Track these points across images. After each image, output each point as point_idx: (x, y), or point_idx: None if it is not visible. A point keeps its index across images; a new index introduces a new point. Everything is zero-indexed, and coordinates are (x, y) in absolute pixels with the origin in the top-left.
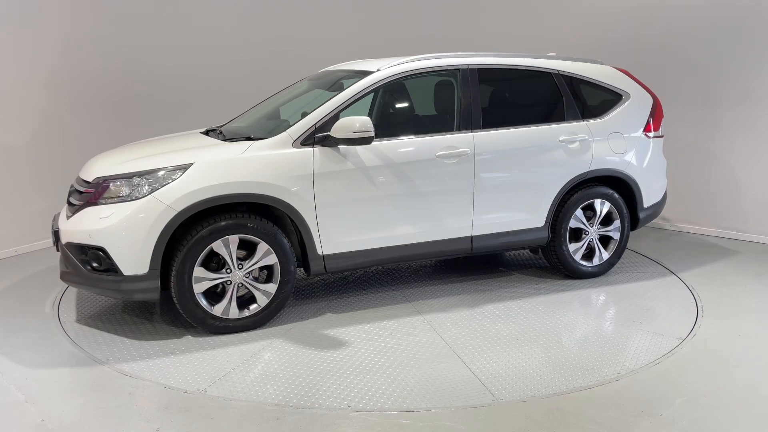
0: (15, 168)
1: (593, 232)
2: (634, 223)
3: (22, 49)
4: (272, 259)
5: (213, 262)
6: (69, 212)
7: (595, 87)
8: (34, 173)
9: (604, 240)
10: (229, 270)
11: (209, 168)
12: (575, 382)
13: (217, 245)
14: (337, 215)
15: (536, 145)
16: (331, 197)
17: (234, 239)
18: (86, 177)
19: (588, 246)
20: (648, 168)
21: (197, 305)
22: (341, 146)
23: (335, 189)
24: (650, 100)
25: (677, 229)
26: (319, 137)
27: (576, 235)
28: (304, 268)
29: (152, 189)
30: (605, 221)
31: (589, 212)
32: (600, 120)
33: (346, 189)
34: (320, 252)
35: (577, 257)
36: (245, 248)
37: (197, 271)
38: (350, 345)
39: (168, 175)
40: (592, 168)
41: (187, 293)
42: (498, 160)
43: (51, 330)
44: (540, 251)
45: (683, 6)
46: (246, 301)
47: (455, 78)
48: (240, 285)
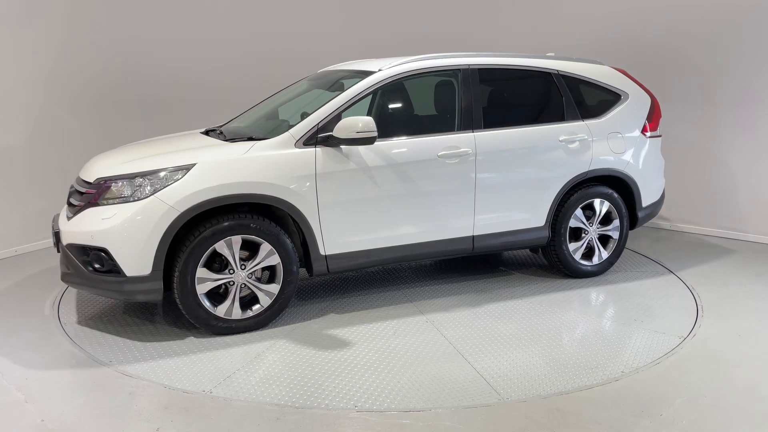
0: (15, 168)
1: (593, 232)
2: (633, 223)
3: (22, 50)
4: (275, 260)
5: (216, 263)
6: (69, 213)
7: (594, 87)
8: (34, 173)
9: (604, 239)
10: (232, 270)
11: (212, 168)
12: (578, 382)
13: (220, 246)
14: (340, 215)
15: (537, 145)
16: (334, 197)
17: (237, 240)
18: (87, 177)
19: (588, 245)
20: (646, 167)
21: (200, 306)
22: (343, 146)
23: (338, 189)
24: (648, 100)
25: (677, 229)
26: (322, 137)
27: (576, 235)
28: (307, 269)
29: (155, 189)
30: (604, 220)
31: (589, 212)
32: (599, 120)
33: (349, 189)
34: (323, 252)
35: (577, 256)
36: (247, 249)
37: (200, 272)
38: (354, 345)
39: (170, 176)
40: (592, 168)
41: (190, 294)
42: (499, 160)
43: (51, 330)
44: (540, 251)
45: (682, 6)
46: (248, 302)
47: (456, 78)
48: (243, 286)
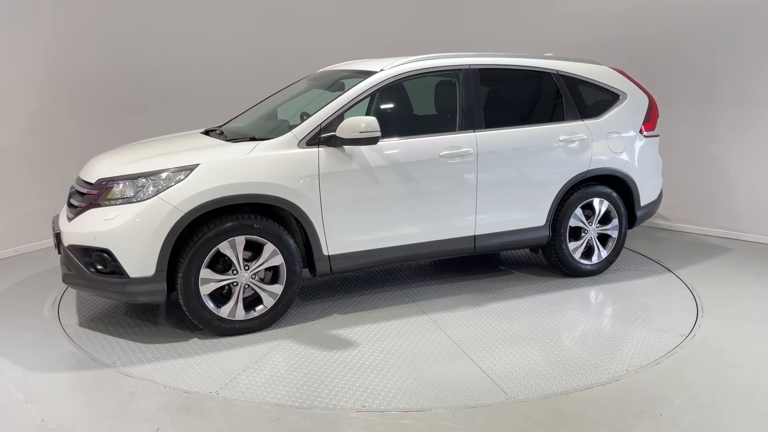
0: (15, 168)
1: (592, 231)
2: (632, 222)
3: (21, 50)
4: (278, 260)
5: (219, 264)
6: (70, 214)
7: (593, 87)
8: (34, 173)
9: (603, 238)
10: (236, 271)
11: (216, 169)
12: (582, 381)
13: (224, 246)
14: (343, 215)
15: (537, 145)
16: (337, 197)
17: (240, 240)
18: (88, 178)
19: (587, 244)
20: (645, 167)
21: (204, 307)
22: (346, 146)
23: (341, 189)
24: (646, 100)
25: (677, 229)
26: (325, 137)
27: (575, 234)
28: (309, 269)
29: (158, 190)
30: (603, 220)
31: (588, 211)
32: (598, 120)
33: (352, 189)
34: (326, 252)
35: (577, 256)
36: (250, 249)
37: (204, 273)
38: (359, 345)
39: (174, 176)
40: (592, 167)
41: (194, 295)
42: (500, 160)
43: (51, 330)
44: (540, 250)
45: (681, 6)
46: (252, 303)
47: (457, 78)
48: (246, 286)
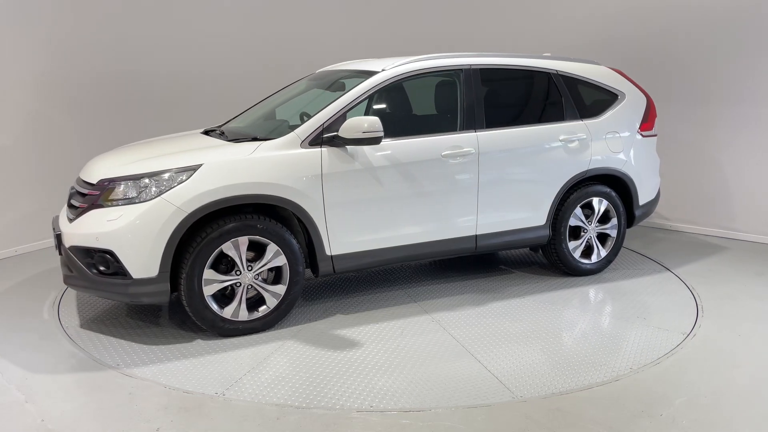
0: (15, 168)
1: (592, 230)
2: (630, 221)
3: (17, 50)
4: (281, 261)
5: (222, 264)
6: (71, 215)
7: (592, 87)
8: (34, 173)
9: (602, 238)
10: (239, 272)
11: (219, 169)
12: (586, 379)
13: (227, 247)
14: (346, 215)
15: (538, 145)
16: (340, 197)
17: (244, 241)
18: (89, 179)
19: (586, 244)
20: (643, 166)
21: (207, 308)
22: (349, 146)
23: (344, 189)
24: (644, 100)
25: (676, 229)
26: (327, 137)
27: (575, 233)
28: (312, 269)
29: (161, 190)
30: (602, 219)
31: (587, 210)
32: (597, 119)
33: (355, 189)
34: (329, 253)
35: (577, 255)
36: (253, 249)
37: (207, 274)
38: (363, 345)
39: (177, 177)
40: (591, 167)
41: (197, 296)
42: (501, 160)
43: (51, 330)
44: (540, 249)
45: (679, 7)
46: (254, 303)
47: (458, 78)
48: (249, 287)
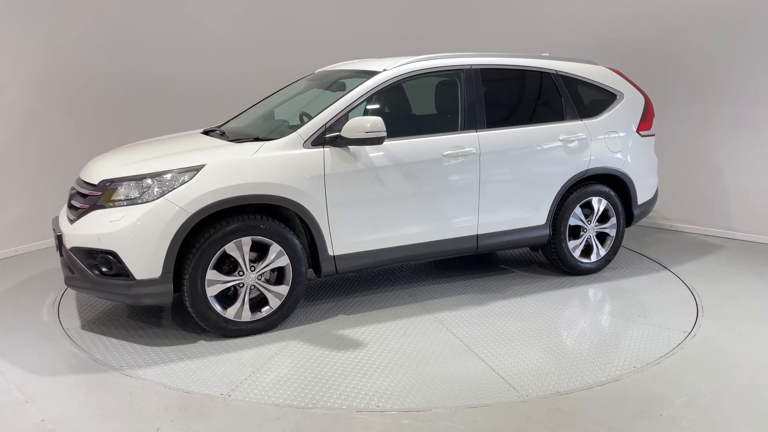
0: (15, 168)
1: (591, 230)
2: (629, 220)
3: (17, 50)
4: (284, 261)
5: (225, 265)
6: (72, 216)
7: (591, 87)
8: (34, 173)
9: (601, 237)
10: (242, 272)
11: (222, 169)
12: (586, 380)
13: (230, 247)
14: (348, 215)
15: (538, 145)
16: (343, 197)
17: (247, 241)
18: (90, 179)
19: (586, 243)
20: (642, 166)
21: (210, 309)
22: (351, 146)
23: (346, 189)
24: (642, 100)
25: (676, 229)
26: (330, 137)
27: (574, 233)
28: (314, 270)
29: (164, 191)
30: (602, 218)
31: (587, 210)
32: (597, 119)
33: (357, 189)
34: (331, 253)
35: (576, 254)
36: (255, 250)
37: (210, 274)
38: (367, 345)
39: (180, 177)
40: (591, 166)
41: (200, 297)
42: (502, 160)
43: (51, 330)
44: (540, 249)
45: (677, 7)
46: (256, 304)
47: (459, 78)
48: (252, 287)
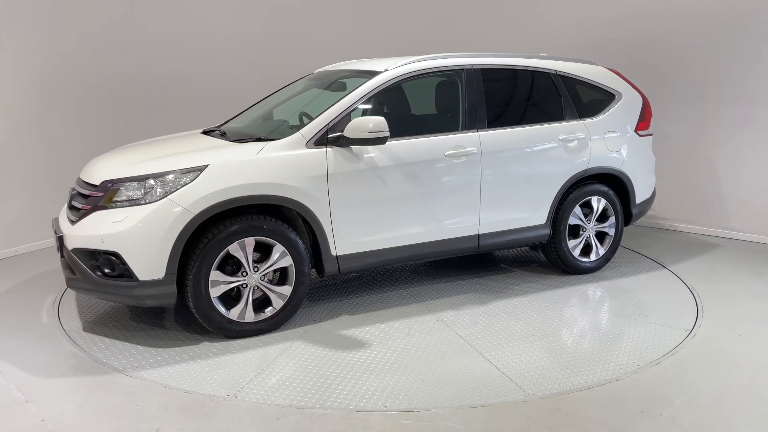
0: (14, 168)
1: (590, 229)
2: (627, 219)
3: (16, 50)
4: (287, 261)
5: (228, 266)
6: (73, 216)
7: (590, 87)
8: (34, 173)
9: (599, 236)
10: (245, 273)
11: (226, 170)
12: (590, 379)
13: (234, 248)
14: (351, 215)
15: (539, 144)
16: (345, 198)
17: (250, 242)
18: (90, 179)
19: (585, 242)
20: (640, 165)
21: (214, 309)
22: (354, 146)
23: (349, 189)
24: (640, 100)
25: (675, 229)
26: (332, 137)
27: (573, 232)
28: (317, 270)
29: (167, 191)
30: (601, 218)
31: (586, 209)
32: (596, 119)
33: (360, 189)
34: (334, 253)
35: (576, 253)
36: (258, 250)
37: (214, 275)
38: (372, 345)
39: (183, 178)
40: (590, 166)
41: (204, 298)
42: (503, 159)
43: (51, 330)
44: (540, 248)
45: (674, 7)
46: (259, 305)
47: (460, 78)
48: (255, 288)
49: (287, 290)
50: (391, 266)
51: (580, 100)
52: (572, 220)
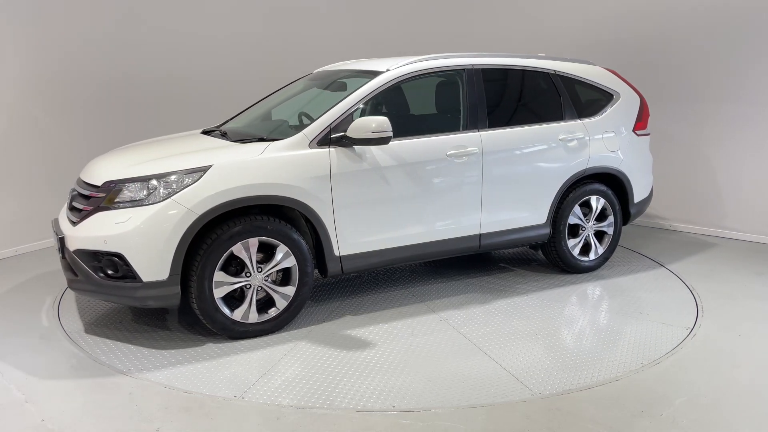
0: (14, 168)
1: (590, 228)
2: (625, 219)
3: (16, 50)
4: (291, 262)
5: (231, 266)
6: (75, 218)
7: (589, 87)
8: (34, 173)
9: (598, 235)
10: (249, 273)
11: (229, 170)
12: (593, 378)
13: (237, 249)
14: (354, 216)
15: (539, 144)
16: (348, 198)
17: (254, 242)
18: (92, 180)
19: (584, 241)
20: (638, 165)
21: (218, 310)
22: (356, 147)
23: (352, 189)
24: (638, 100)
25: (674, 229)
26: (335, 137)
27: (573, 231)
28: (320, 270)
29: (170, 192)
30: (600, 217)
31: (585, 209)
32: (594, 119)
33: (363, 189)
34: (337, 253)
35: (575, 253)
36: (261, 251)
37: (218, 276)
38: (376, 345)
39: (186, 178)
40: (590, 165)
41: (208, 299)
42: (504, 159)
43: (51, 330)
44: (540, 248)
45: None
46: (263, 305)
47: (461, 78)
48: (258, 288)
49: (291, 291)
50: (394, 266)
51: (579, 100)
52: (572, 220)
